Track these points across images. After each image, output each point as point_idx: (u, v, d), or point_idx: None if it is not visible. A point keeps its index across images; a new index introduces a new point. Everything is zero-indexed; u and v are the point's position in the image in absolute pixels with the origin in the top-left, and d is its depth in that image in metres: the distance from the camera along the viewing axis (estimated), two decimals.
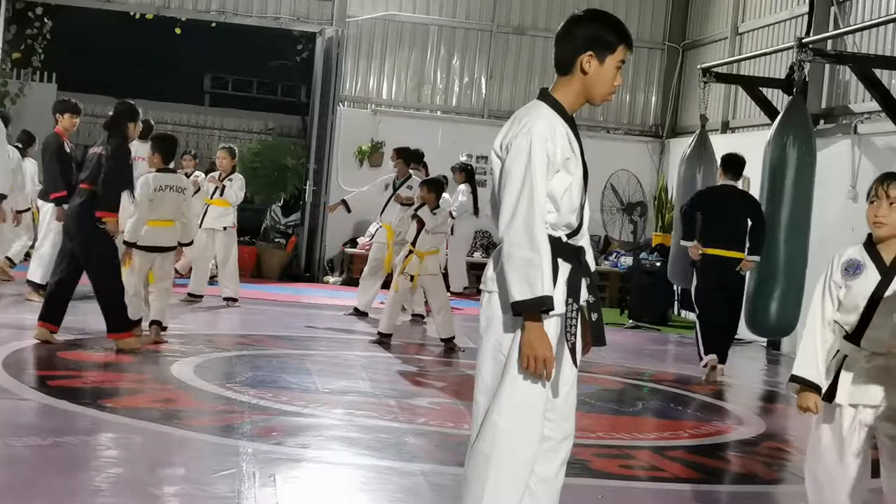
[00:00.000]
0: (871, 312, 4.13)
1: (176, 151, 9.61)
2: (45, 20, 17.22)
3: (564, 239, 3.71)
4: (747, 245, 9.54)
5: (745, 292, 9.74)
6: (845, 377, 4.15)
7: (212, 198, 12.09)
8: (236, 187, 12.11)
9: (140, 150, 12.85)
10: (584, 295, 3.73)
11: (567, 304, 3.66)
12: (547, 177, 3.61)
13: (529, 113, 3.70)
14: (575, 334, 3.65)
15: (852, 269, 4.19)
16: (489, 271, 3.74)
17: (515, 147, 3.63)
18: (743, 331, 12.18)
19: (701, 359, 9.59)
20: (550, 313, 3.59)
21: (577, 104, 3.77)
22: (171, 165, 9.31)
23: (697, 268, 9.82)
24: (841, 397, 4.15)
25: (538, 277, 3.51)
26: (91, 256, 8.28)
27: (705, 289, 9.71)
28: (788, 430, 8.09)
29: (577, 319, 3.65)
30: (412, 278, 9.98)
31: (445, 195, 11.52)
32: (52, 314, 8.43)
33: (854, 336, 4.17)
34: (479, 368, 3.76)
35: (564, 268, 3.68)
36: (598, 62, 3.68)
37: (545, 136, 3.62)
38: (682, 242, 10.01)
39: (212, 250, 12.09)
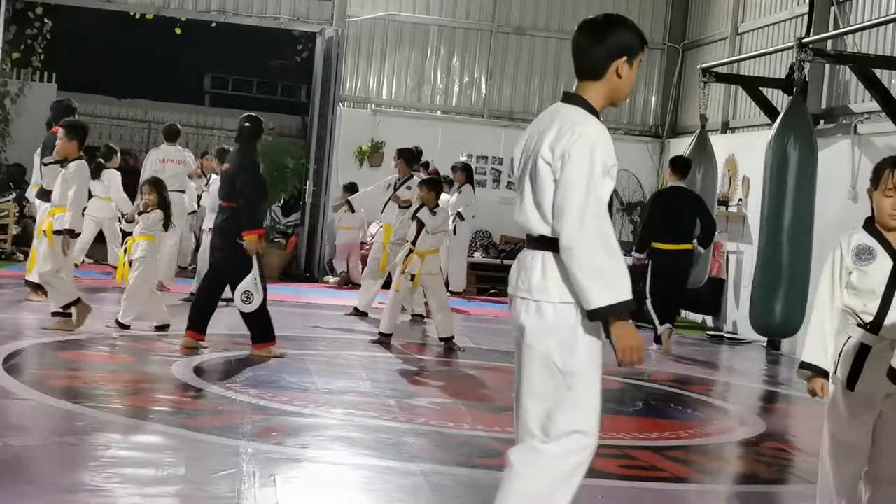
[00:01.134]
0: (890, 301, 4.11)
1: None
2: (45, 20, 17.21)
3: None
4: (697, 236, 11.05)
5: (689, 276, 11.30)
6: (868, 367, 4.13)
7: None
8: (213, 190, 12.06)
9: (170, 153, 13.23)
10: None
11: None
12: (608, 184, 3.69)
13: (582, 120, 3.73)
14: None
15: (864, 254, 4.16)
16: (534, 279, 3.70)
17: (576, 154, 3.63)
18: (743, 330, 12.21)
19: (657, 332, 10.96)
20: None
21: (603, 107, 3.87)
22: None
23: (651, 261, 11.07)
24: (862, 387, 4.14)
25: (619, 282, 3.57)
26: (224, 268, 8.70)
27: (660, 279, 10.96)
28: (789, 430, 8.09)
29: None
30: (413, 278, 9.97)
31: (444, 195, 11.59)
32: (197, 323, 8.73)
33: (872, 325, 4.15)
34: (524, 375, 3.75)
35: None
36: (628, 67, 3.81)
37: (603, 142, 3.70)
38: (635, 254, 11.22)
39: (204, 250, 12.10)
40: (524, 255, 3.78)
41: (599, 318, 3.60)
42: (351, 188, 15.06)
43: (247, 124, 8.91)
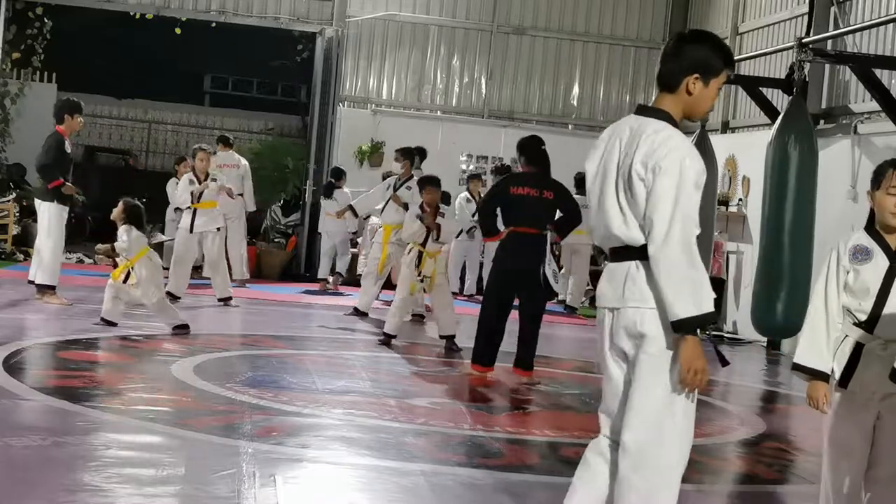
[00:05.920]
0: (884, 299, 4.12)
1: None
2: (45, 20, 17.24)
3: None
4: None
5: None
6: (861, 365, 4.13)
7: (198, 201, 11.98)
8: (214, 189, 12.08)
9: (227, 158, 13.83)
10: None
11: None
12: (695, 195, 3.71)
13: (671, 134, 3.74)
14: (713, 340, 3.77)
15: (861, 254, 4.18)
16: (647, 288, 3.71)
17: (666, 167, 3.67)
18: (743, 330, 12.18)
19: None
20: None
21: (680, 120, 3.87)
22: None
23: None
24: (856, 385, 4.14)
25: (701, 294, 3.60)
26: (540, 289, 8.63)
27: None
28: (789, 430, 8.09)
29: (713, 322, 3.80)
30: (422, 279, 9.88)
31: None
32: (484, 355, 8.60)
33: (867, 324, 4.15)
34: (639, 383, 3.74)
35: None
36: (702, 84, 3.78)
37: (693, 156, 3.73)
38: None
39: (196, 252, 12.07)
40: (619, 267, 3.77)
41: (682, 330, 3.61)
42: (337, 175, 14.94)
43: (543, 147, 8.69)
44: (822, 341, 4.19)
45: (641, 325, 3.71)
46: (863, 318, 4.18)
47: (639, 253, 3.71)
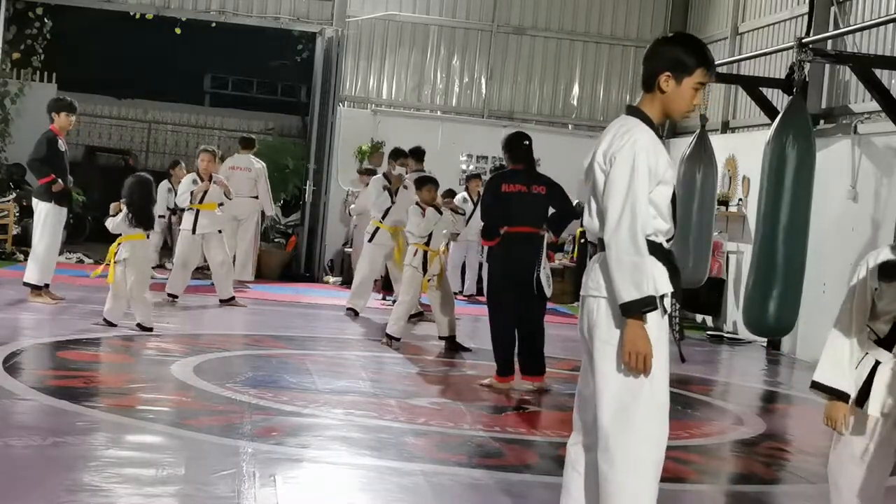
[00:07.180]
0: None
1: None
2: (45, 20, 17.24)
3: (666, 245, 3.91)
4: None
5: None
6: (878, 384, 4.05)
7: (200, 202, 11.94)
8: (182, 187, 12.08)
9: (240, 161, 13.94)
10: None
11: (672, 305, 3.89)
12: (649, 187, 3.80)
13: (631, 127, 3.88)
14: (680, 331, 3.84)
15: (889, 270, 4.10)
16: (603, 278, 3.84)
17: (620, 158, 3.80)
18: (743, 330, 12.17)
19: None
20: (654, 312, 3.77)
21: (660, 119, 3.98)
22: None
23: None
24: (873, 406, 4.06)
25: (643, 279, 3.71)
26: (542, 297, 8.17)
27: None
28: (788, 430, 8.10)
29: (678, 317, 3.84)
30: (430, 279, 9.85)
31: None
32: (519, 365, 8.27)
33: (886, 341, 4.08)
34: (598, 372, 3.84)
35: (667, 270, 3.88)
36: (675, 83, 3.90)
37: (649, 148, 3.82)
38: None
39: (199, 253, 12.06)
40: (595, 259, 3.94)
41: (627, 314, 3.73)
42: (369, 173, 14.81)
43: (526, 143, 8.32)
44: (844, 361, 4.11)
45: (595, 314, 3.86)
46: (882, 335, 4.10)
47: (602, 244, 3.86)
